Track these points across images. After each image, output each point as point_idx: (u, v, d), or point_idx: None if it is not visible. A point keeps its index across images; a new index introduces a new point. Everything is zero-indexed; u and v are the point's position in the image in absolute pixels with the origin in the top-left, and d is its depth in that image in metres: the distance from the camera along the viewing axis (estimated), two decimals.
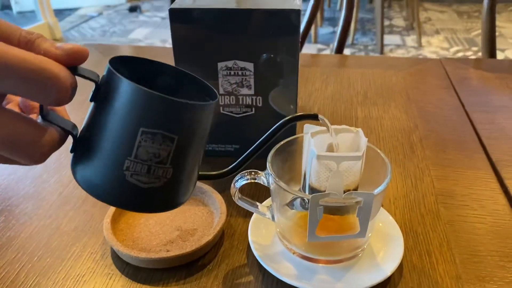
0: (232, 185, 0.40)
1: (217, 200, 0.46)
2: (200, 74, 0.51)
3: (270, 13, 0.48)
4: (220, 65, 0.50)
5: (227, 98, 0.52)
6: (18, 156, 0.27)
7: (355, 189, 0.39)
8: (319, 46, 2.96)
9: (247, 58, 0.50)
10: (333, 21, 3.39)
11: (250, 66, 0.50)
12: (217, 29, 0.49)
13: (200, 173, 0.36)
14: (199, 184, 0.48)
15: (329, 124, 0.38)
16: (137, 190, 0.30)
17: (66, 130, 0.30)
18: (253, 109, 0.53)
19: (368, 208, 0.35)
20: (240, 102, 0.53)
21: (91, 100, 0.30)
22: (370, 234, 0.40)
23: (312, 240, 0.36)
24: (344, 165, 0.38)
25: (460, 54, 2.82)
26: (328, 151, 0.40)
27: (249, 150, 0.38)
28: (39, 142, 0.27)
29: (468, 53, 2.83)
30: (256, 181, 0.40)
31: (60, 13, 3.66)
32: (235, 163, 0.38)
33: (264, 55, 0.50)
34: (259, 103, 0.53)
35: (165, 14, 3.74)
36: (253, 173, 0.40)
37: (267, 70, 0.50)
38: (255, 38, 0.49)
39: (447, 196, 0.50)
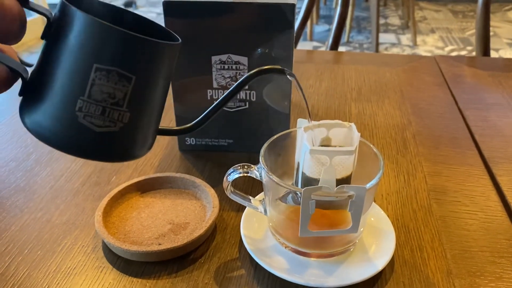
0: (224, 178, 0.40)
1: (209, 194, 0.46)
2: (194, 68, 0.51)
3: (265, 7, 0.47)
4: (214, 58, 0.50)
5: (221, 92, 0.52)
6: None
7: (348, 184, 0.39)
8: (315, 43, 2.96)
9: (241, 52, 0.49)
10: (329, 19, 3.39)
11: (244, 60, 0.50)
12: (211, 23, 0.49)
13: (160, 127, 0.34)
14: (192, 178, 0.48)
15: (297, 82, 0.38)
16: (90, 134, 0.28)
17: (14, 70, 0.28)
18: (247, 103, 0.53)
19: (360, 202, 0.35)
20: (234, 97, 0.52)
21: (42, 38, 0.28)
22: (362, 229, 0.41)
23: (304, 235, 0.36)
24: (337, 160, 0.37)
25: (454, 53, 2.83)
26: (321, 146, 0.40)
27: (213, 105, 0.36)
28: None
29: (463, 53, 2.84)
30: (249, 174, 0.40)
31: (55, 7, 3.63)
32: (199, 118, 0.36)
33: (259, 49, 0.49)
34: (253, 98, 0.53)
35: (160, 9, 3.72)
36: (246, 166, 0.40)
37: (261, 65, 0.50)
38: (249, 32, 0.49)
39: (439, 192, 0.50)
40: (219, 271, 0.40)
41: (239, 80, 0.36)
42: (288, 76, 0.38)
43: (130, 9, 3.82)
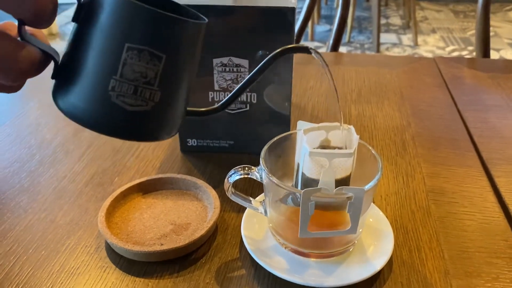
0: (225, 180, 0.41)
1: (211, 195, 0.47)
2: (196, 70, 0.52)
3: (266, 10, 0.48)
4: (216, 61, 0.51)
5: (222, 94, 0.53)
6: None
7: (347, 184, 0.40)
8: (316, 43, 2.97)
9: (242, 55, 0.50)
10: (330, 19, 3.40)
11: (245, 63, 0.51)
12: (212, 26, 0.49)
13: (188, 108, 0.34)
14: (193, 179, 0.49)
15: (321, 57, 0.37)
16: (123, 113, 0.29)
17: (46, 53, 0.28)
18: (248, 105, 0.54)
19: (359, 203, 0.36)
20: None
21: (73, 20, 0.29)
22: (361, 230, 0.41)
23: (304, 235, 0.37)
24: (336, 162, 0.38)
25: (455, 53, 2.83)
26: (321, 147, 0.41)
27: (240, 84, 0.36)
28: (17, 56, 0.26)
29: (464, 53, 2.85)
30: (249, 176, 0.41)
31: (58, 7, 3.64)
32: (226, 98, 0.37)
33: (260, 52, 0.50)
34: (254, 100, 0.53)
35: None
36: (246, 168, 0.41)
37: None
38: (250, 35, 0.49)
39: (437, 193, 0.51)
40: (220, 271, 0.41)
41: (265, 59, 0.36)
42: (313, 55, 0.38)
43: None
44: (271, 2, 0.49)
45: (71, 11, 3.68)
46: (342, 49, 2.88)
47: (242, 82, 0.37)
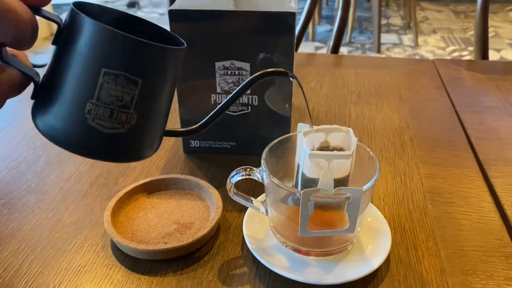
0: (228, 180, 0.42)
1: (213, 195, 0.48)
2: (198, 73, 0.53)
3: (267, 15, 0.49)
4: (218, 64, 0.52)
5: (224, 96, 0.54)
6: None
7: (345, 184, 0.41)
8: (317, 44, 2.98)
9: (244, 58, 0.51)
10: (331, 19, 3.41)
11: (246, 66, 0.52)
12: (215, 30, 0.51)
13: (167, 129, 0.35)
14: (196, 179, 0.50)
15: (299, 83, 0.39)
16: (99, 135, 0.29)
17: (26, 75, 0.29)
18: (249, 107, 0.55)
19: (357, 203, 0.37)
20: (237, 101, 0.54)
21: (53, 43, 0.29)
22: (359, 229, 0.42)
23: (304, 235, 0.38)
24: (335, 163, 0.39)
25: (456, 54, 2.84)
26: (320, 147, 0.42)
27: (218, 107, 0.37)
28: None
29: (464, 53, 2.85)
30: (251, 177, 0.42)
31: (59, 8, 3.66)
32: (204, 120, 0.37)
33: (261, 55, 0.51)
34: (255, 102, 0.54)
35: (164, 10, 3.75)
36: (248, 169, 0.42)
37: (263, 70, 0.52)
38: (251, 39, 0.51)
39: (434, 193, 0.52)
40: (222, 268, 0.42)
41: (243, 83, 0.38)
42: (290, 78, 0.40)
43: (133, 9, 3.81)
44: (272, 7, 0.50)
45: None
46: (343, 49, 2.89)
47: (221, 104, 0.37)
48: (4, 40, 0.27)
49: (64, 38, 0.29)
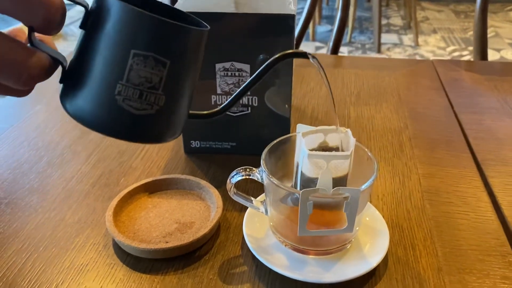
0: (228, 181, 0.43)
1: (214, 195, 0.48)
2: (199, 75, 0.54)
3: (267, 17, 0.50)
4: (218, 66, 0.53)
5: (224, 97, 0.55)
6: (4, 75, 0.27)
7: (344, 183, 0.42)
8: (317, 44, 2.99)
9: (244, 60, 0.52)
10: (331, 19, 3.41)
11: (246, 67, 0.52)
12: (215, 32, 0.51)
13: (190, 112, 0.35)
14: (197, 179, 0.51)
15: (318, 62, 0.39)
16: (129, 116, 0.30)
17: (55, 59, 0.29)
18: (249, 108, 0.55)
19: (355, 203, 0.37)
20: (237, 102, 0.55)
21: (81, 27, 0.30)
22: (357, 228, 0.43)
23: (303, 234, 0.39)
24: (333, 164, 0.40)
25: (456, 54, 2.84)
26: (319, 147, 0.43)
27: (241, 88, 0.38)
28: (27, 62, 0.27)
29: (465, 53, 2.86)
30: (250, 177, 0.43)
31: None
32: (227, 101, 0.38)
33: (261, 56, 0.52)
34: (255, 103, 0.55)
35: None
36: (248, 169, 0.43)
37: None
38: (251, 41, 0.51)
39: (432, 193, 0.52)
40: (223, 267, 0.42)
41: (264, 65, 0.38)
42: (310, 60, 0.40)
43: None
44: (271, 9, 0.51)
45: (73, 12, 3.70)
46: (343, 49, 2.90)
47: (243, 86, 0.38)
48: (34, 25, 0.27)
49: (92, 21, 0.29)
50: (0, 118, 0.68)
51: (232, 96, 0.38)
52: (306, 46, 2.90)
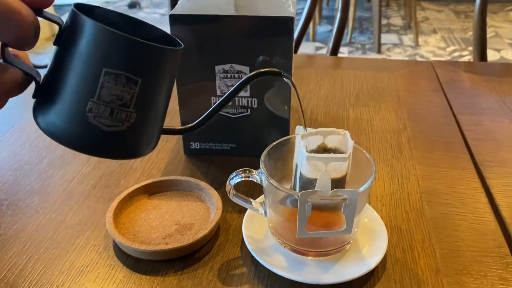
0: (227, 182, 0.43)
1: (213, 196, 0.49)
2: (199, 76, 0.54)
3: (266, 20, 0.50)
4: (218, 68, 0.53)
5: None
6: None
7: (342, 184, 0.42)
8: (317, 44, 2.99)
9: (243, 62, 0.52)
10: (331, 20, 3.41)
11: (246, 69, 0.53)
12: (215, 34, 0.52)
13: (164, 127, 0.36)
14: (196, 181, 0.51)
15: (292, 84, 0.40)
16: (100, 133, 0.30)
17: (28, 74, 0.29)
18: (249, 110, 0.56)
19: (353, 205, 0.38)
20: (237, 104, 0.55)
21: (55, 44, 0.30)
22: (356, 230, 0.43)
23: (302, 235, 0.39)
24: (332, 166, 0.40)
25: (456, 54, 2.85)
26: (318, 147, 0.43)
27: (213, 106, 0.38)
28: None
29: (465, 53, 2.86)
30: (250, 179, 0.43)
31: (60, 9, 3.67)
32: (200, 118, 0.38)
33: (260, 57, 0.52)
34: (255, 105, 0.55)
35: (164, 10, 3.76)
36: (247, 171, 0.43)
37: None
38: (251, 43, 0.51)
39: (431, 195, 0.53)
40: (222, 269, 0.43)
41: (239, 82, 0.39)
42: (284, 78, 0.41)
43: (134, 10, 3.81)
44: (271, 12, 0.51)
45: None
46: (343, 49, 2.90)
47: (217, 103, 0.38)
48: (7, 41, 0.27)
49: (66, 39, 0.30)
50: (1, 119, 0.68)
51: (207, 112, 0.38)
52: (306, 46, 2.91)
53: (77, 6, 0.30)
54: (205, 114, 0.38)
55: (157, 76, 0.31)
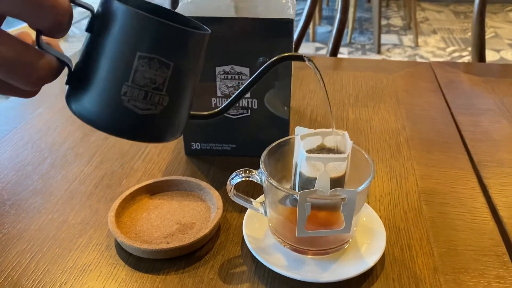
0: (228, 182, 0.44)
1: (214, 196, 0.49)
2: (199, 78, 0.55)
3: (266, 22, 0.51)
4: (218, 69, 0.54)
5: (224, 100, 0.55)
6: (15, 77, 0.28)
7: (341, 183, 0.43)
8: (317, 44, 2.99)
9: (244, 63, 0.53)
10: (331, 20, 3.42)
11: (246, 71, 0.53)
12: (216, 36, 0.52)
13: (191, 112, 0.37)
14: (197, 181, 0.51)
15: (315, 66, 0.40)
16: (134, 116, 0.31)
17: (61, 61, 0.30)
18: (249, 111, 0.56)
19: (352, 204, 0.38)
20: (237, 104, 0.56)
21: (87, 30, 0.31)
22: (355, 229, 0.44)
23: (301, 235, 0.39)
24: (331, 166, 0.41)
25: (456, 54, 2.85)
26: (317, 150, 0.44)
27: (239, 89, 0.39)
28: (36, 64, 0.28)
29: (464, 53, 2.87)
30: (250, 179, 0.43)
31: None
32: (227, 102, 0.39)
33: (260, 58, 0.53)
34: (255, 106, 0.56)
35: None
36: (247, 171, 0.43)
37: None
38: (251, 45, 0.52)
39: (429, 194, 0.53)
40: (223, 267, 0.43)
41: (262, 67, 0.39)
42: (306, 62, 0.41)
43: None
44: (271, 14, 0.51)
45: (74, 13, 3.70)
46: (343, 50, 2.91)
47: (242, 87, 0.40)
48: (43, 28, 0.28)
49: (98, 25, 0.30)
50: (3, 120, 0.69)
51: (231, 97, 0.40)
52: (306, 47, 2.91)
53: None
54: (229, 99, 0.39)
55: (188, 60, 0.32)
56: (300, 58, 0.40)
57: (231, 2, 0.56)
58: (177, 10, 0.53)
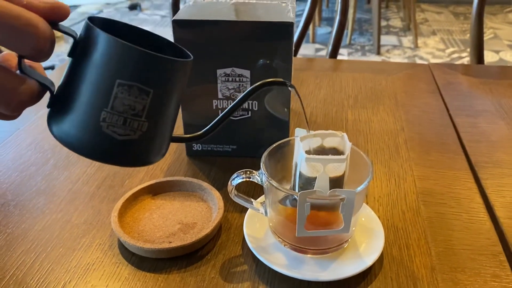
0: (229, 183, 0.45)
1: (215, 196, 0.50)
2: (201, 80, 0.55)
3: (266, 25, 0.52)
4: (219, 72, 0.54)
5: (225, 102, 0.56)
6: None
7: (341, 183, 0.44)
8: (317, 46, 3.00)
9: (244, 66, 0.54)
10: (331, 21, 3.43)
11: (247, 73, 0.54)
12: (217, 39, 0.53)
13: (173, 135, 0.37)
14: (199, 181, 0.52)
15: (297, 92, 0.41)
16: (113, 142, 0.31)
17: (43, 85, 0.31)
18: (250, 112, 0.57)
19: (350, 204, 0.39)
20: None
21: (69, 55, 0.31)
22: (354, 228, 0.45)
23: (301, 234, 0.40)
24: (330, 166, 0.42)
25: (455, 55, 2.86)
26: (316, 153, 0.44)
27: (220, 115, 0.40)
28: (18, 89, 0.29)
29: (463, 54, 2.87)
30: (251, 179, 0.44)
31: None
32: (208, 127, 0.40)
33: (261, 61, 0.54)
34: (255, 107, 0.57)
35: (165, 12, 3.77)
36: (248, 172, 0.44)
37: (262, 77, 0.54)
38: (252, 47, 0.53)
39: (427, 195, 0.54)
40: (224, 266, 0.44)
41: (245, 92, 0.40)
42: (288, 88, 0.42)
43: (135, 12, 3.82)
44: (271, 17, 0.52)
45: (74, 15, 3.72)
46: (343, 51, 2.92)
47: (224, 112, 0.40)
48: (24, 53, 0.29)
49: (80, 51, 0.31)
50: (7, 122, 0.70)
51: (214, 121, 0.40)
52: (306, 48, 2.92)
53: (91, 19, 0.31)
54: (212, 123, 0.40)
55: (168, 87, 0.33)
56: (283, 83, 0.42)
57: (232, 6, 0.57)
58: (179, 13, 0.54)
